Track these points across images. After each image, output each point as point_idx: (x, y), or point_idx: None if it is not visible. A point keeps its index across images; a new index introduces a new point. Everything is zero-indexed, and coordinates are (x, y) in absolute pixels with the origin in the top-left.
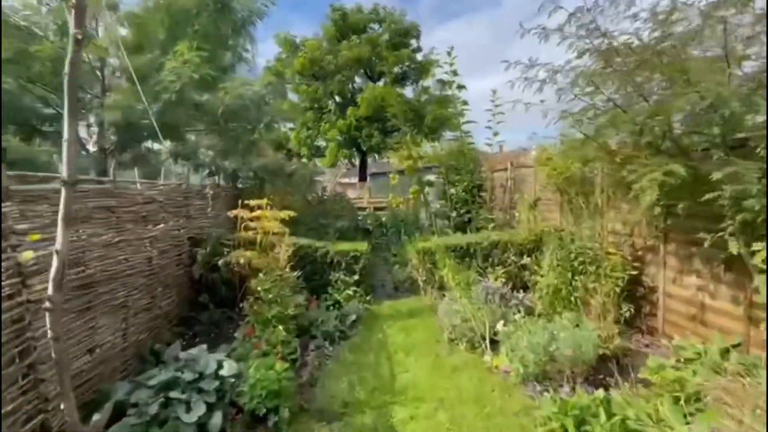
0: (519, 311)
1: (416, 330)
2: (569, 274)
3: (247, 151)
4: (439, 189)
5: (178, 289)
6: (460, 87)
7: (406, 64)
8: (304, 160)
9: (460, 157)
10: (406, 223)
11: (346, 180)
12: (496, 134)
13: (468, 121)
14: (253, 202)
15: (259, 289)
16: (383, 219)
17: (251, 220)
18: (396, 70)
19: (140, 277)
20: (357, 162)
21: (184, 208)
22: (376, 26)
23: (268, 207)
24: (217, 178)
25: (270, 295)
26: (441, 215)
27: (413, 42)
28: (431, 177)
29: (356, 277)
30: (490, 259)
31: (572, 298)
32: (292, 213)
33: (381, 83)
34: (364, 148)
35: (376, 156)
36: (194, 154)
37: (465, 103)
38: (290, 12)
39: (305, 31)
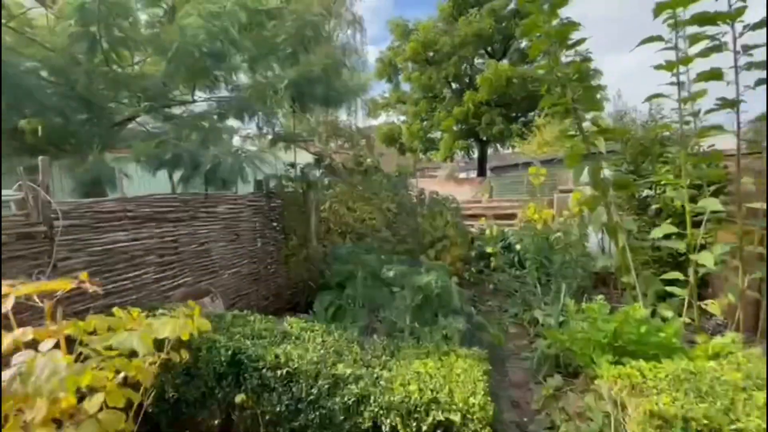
0: None
1: None
2: None
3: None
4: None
5: None
6: None
7: (536, 35)
8: (422, 155)
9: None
10: (564, 256)
11: (463, 175)
12: None
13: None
14: (24, 290)
15: None
16: (515, 243)
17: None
18: (522, 45)
19: None
20: (476, 154)
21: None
22: None
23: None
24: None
25: None
26: (640, 250)
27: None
28: (606, 172)
29: None
30: None
31: None
32: (204, 326)
33: (505, 61)
34: (484, 138)
35: (498, 147)
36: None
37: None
38: (408, 8)
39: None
